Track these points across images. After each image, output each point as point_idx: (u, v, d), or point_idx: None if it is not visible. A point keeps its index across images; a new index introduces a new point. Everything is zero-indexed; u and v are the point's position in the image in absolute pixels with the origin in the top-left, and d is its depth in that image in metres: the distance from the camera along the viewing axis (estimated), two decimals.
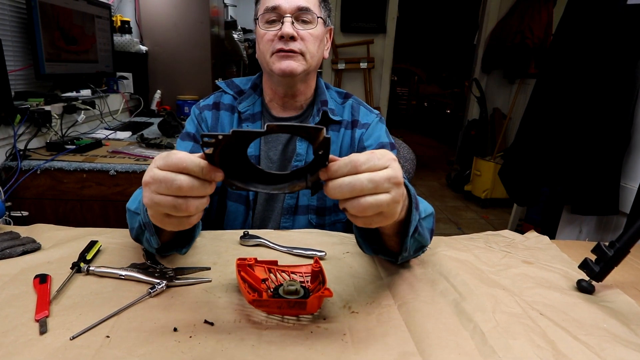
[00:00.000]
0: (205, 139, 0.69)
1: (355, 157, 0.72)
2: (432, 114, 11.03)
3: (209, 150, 0.72)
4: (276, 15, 1.30)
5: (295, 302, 0.86)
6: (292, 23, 1.29)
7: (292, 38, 1.30)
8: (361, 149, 1.46)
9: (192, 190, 0.71)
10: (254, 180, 0.80)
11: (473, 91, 5.80)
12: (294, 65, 1.33)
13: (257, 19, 1.36)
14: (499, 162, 5.04)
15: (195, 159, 0.72)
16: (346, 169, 0.72)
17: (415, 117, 12.12)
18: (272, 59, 1.34)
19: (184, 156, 0.71)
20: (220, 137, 0.70)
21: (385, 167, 0.73)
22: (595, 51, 2.07)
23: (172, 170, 0.71)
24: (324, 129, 0.70)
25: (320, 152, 0.72)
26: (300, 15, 1.31)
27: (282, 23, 1.29)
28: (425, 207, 1.11)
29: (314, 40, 1.35)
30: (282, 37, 1.30)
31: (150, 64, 3.93)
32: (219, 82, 1.55)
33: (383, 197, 0.71)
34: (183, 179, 0.71)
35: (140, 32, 3.90)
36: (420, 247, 1.11)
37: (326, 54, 1.45)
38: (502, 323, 0.90)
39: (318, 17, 1.34)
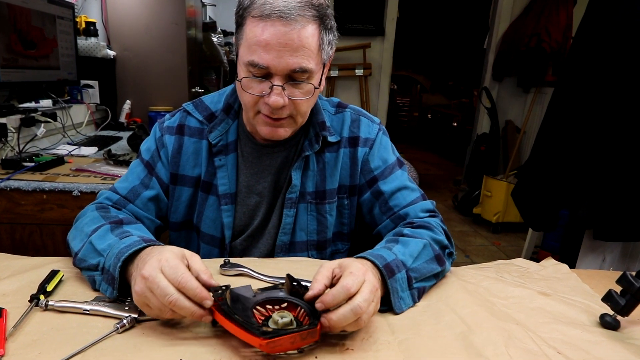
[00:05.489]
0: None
1: (345, 283, 0.92)
2: (437, 127, 11.10)
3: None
4: (263, 73, 1.20)
5: (308, 333, 0.89)
6: (283, 89, 1.20)
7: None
8: (367, 171, 1.45)
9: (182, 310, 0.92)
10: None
11: (483, 101, 5.83)
12: (282, 132, 1.29)
13: (238, 55, 1.27)
14: (512, 181, 5.06)
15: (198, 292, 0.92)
16: (341, 297, 0.91)
17: (417, 130, 12.18)
18: (256, 119, 1.29)
19: (190, 281, 0.92)
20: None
21: (364, 281, 0.95)
22: (621, 56, 2.08)
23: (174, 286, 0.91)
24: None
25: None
26: (293, 75, 1.21)
27: (271, 89, 1.20)
28: (412, 249, 1.20)
29: (308, 100, 1.27)
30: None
31: (119, 70, 3.94)
32: (186, 105, 1.48)
33: (372, 307, 0.95)
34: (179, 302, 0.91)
35: (107, 35, 3.92)
36: (435, 276, 1.24)
37: (322, 85, 1.33)
38: (517, 359, 0.91)
39: (316, 70, 1.25)
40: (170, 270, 0.92)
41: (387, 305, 1.09)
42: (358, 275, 0.94)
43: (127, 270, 1.05)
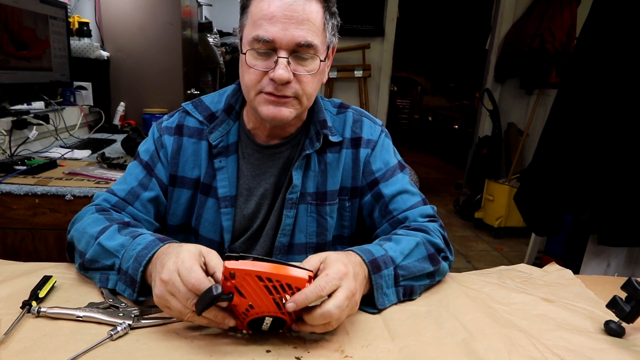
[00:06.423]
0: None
1: (318, 284, 0.93)
2: (438, 129, 11.10)
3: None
4: (268, 47, 1.20)
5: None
6: (288, 62, 1.20)
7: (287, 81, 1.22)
8: (369, 172, 1.45)
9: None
10: None
11: (485, 103, 5.84)
12: (286, 113, 1.26)
13: (242, 38, 1.27)
14: (515, 185, 5.06)
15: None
16: (312, 297, 0.92)
17: (418, 133, 12.19)
18: (258, 99, 1.26)
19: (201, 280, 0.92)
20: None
21: (339, 286, 0.96)
22: (626, 57, 2.09)
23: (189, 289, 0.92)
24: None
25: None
26: (299, 50, 1.21)
27: (276, 63, 1.20)
28: (403, 246, 1.22)
29: (313, 79, 1.27)
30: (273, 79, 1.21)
31: (113, 72, 3.92)
32: (186, 104, 1.47)
33: (345, 313, 0.97)
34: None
35: (101, 36, 3.91)
36: (428, 276, 1.24)
37: (325, 77, 1.36)
38: None
39: (321, 50, 1.25)
40: (185, 272, 0.93)
41: (371, 300, 1.12)
42: (334, 279, 0.95)
43: (146, 270, 1.06)
